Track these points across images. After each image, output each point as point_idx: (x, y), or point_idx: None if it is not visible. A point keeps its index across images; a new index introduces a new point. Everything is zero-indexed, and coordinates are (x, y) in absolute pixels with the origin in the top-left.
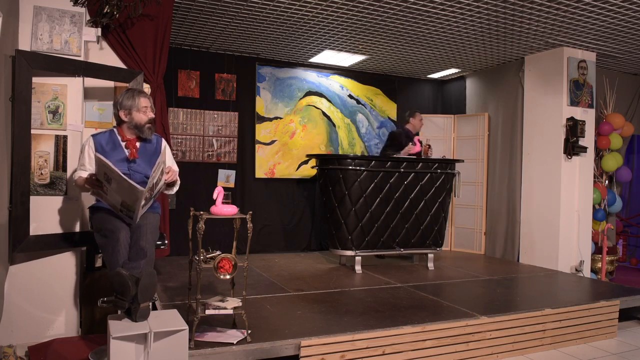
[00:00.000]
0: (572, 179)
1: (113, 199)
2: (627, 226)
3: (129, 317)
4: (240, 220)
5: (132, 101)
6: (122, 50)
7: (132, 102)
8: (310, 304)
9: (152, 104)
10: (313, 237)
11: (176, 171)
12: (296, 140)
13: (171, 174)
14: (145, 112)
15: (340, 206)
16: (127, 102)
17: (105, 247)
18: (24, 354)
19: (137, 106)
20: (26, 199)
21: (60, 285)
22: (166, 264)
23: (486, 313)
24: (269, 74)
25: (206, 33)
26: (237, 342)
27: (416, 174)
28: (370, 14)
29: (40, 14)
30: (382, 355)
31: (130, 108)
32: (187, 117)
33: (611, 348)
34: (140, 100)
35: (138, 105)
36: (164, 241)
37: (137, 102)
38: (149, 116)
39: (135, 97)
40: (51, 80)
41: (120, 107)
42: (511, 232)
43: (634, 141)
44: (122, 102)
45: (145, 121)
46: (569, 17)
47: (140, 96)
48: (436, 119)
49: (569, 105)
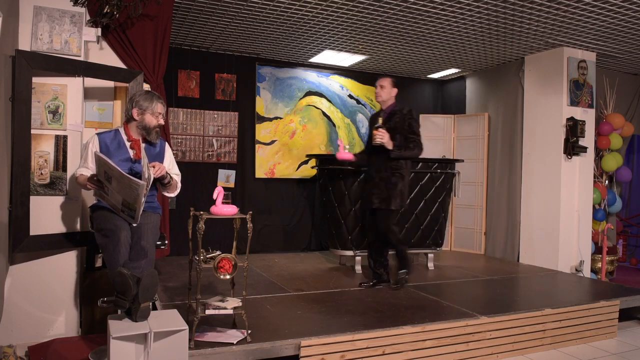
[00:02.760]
0: (572, 179)
1: (114, 199)
2: (627, 226)
3: (129, 317)
4: (240, 220)
5: (150, 103)
6: (122, 50)
7: (148, 104)
8: (310, 304)
9: (164, 113)
10: (313, 237)
11: (164, 167)
12: (296, 140)
13: (157, 169)
14: (158, 118)
15: (340, 206)
16: (144, 103)
17: (106, 247)
18: (24, 354)
19: (153, 109)
20: (26, 199)
21: (60, 285)
22: (166, 264)
23: (486, 313)
24: (269, 74)
25: (206, 33)
26: (237, 342)
27: (416, 174)
28: (370, 14)
29: (40, 14)
30: (382, 355)
31: (145, 109)
32: (187, 117)
33: (611, 348)
34: (158, 106)
35: (154, 108)
36: (164, 241)
37: (153, 105)
38: (159, 122)
39: (153, 101)
40: (51, 80)
41: (135, 105)
42: (511, 232)
43: (634, 141)
44: (139, 101)
45: (155, 125)
46: (569, 17)
47: (158, 101)
48: (436, 119)
49: (569, 105)
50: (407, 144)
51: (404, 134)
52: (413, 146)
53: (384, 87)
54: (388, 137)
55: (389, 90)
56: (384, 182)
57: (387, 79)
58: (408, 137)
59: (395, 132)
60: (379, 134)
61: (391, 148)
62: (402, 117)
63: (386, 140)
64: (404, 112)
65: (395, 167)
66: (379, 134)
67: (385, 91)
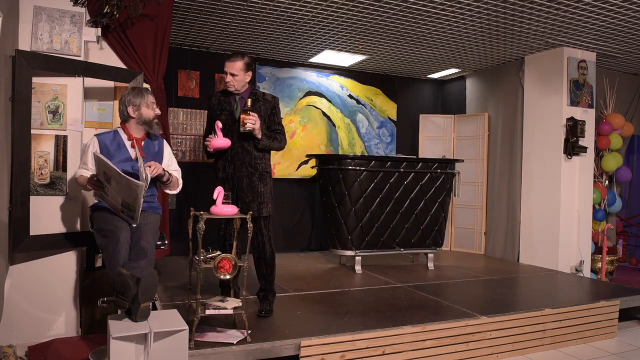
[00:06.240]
0: (572, 179)
1: (114, 200)
2: (627, 226)
3: (129, 317)
4: (240, 220)
5: (141, 98)
6: (122, 50)
7: (140, 99)
8: (310, 304)
9: (156, 102)
10: (313, 237)
11: (160, 167)
12: (296, 140)
13: (153, 168)
14: (154, 109)
15: (340, 206)
16: (136, 99)
17: (106, 247)
18: (24, 354)
19: (146, 102)
20: (26, 199)
21: (60, 285)
22: (166, 264)
23: (486, 313)
24: (269, 74)
25: (206, 33)
26: (237, 342)
27: (416, 174)
28: (370, 14)
29: (40, 14)
30: (382, 355)
31: (140, 104)
32: (187, 117)
33: (611, 348)
34: (149, 97)
35: (147, 101)
36: (164, 241)
37: (145, 98)
38: (156, 112)
39: (143, 94)
40: (51, 80)
41: (129, 104)
42: (511, 232)
43: (634, 141)
44: (131, 99)
45: (153, 116)
46: (569, 17)
47: (147, 93)
48: (436, 119)
49: (569, 105)
50: (275, 134)
51: (268, 124)
52: (281, 137)
53: (236, 76)
54: (260, 123)
55: (242, 77)
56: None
57: (237, 63)
58: (274, 128)
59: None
60: (251, 118)
61: (260, 137)
62: (266, 104)
63: (258, 127)
64: (267, 98)
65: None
66: (251, 119)
67: (238, 79)
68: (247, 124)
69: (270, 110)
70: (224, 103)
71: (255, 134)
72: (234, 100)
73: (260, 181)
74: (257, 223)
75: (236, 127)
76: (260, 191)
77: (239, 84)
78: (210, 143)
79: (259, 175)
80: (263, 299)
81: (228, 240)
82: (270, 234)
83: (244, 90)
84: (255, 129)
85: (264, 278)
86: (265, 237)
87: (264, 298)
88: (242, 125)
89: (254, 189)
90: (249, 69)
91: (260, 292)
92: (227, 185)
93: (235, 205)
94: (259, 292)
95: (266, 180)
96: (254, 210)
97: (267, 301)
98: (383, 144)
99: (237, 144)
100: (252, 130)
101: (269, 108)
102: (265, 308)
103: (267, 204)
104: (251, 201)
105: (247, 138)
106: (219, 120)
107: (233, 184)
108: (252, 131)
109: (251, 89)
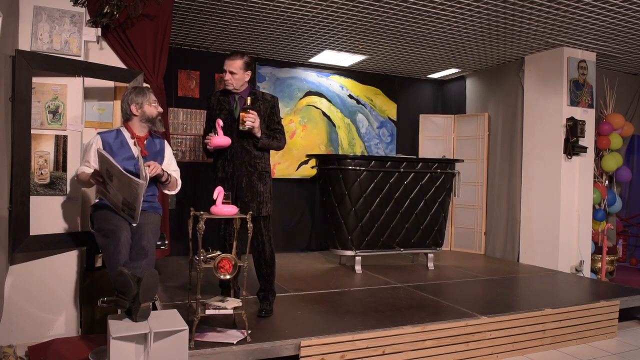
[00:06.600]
0: (572, 179)
1: (115, 198)
2: (627, 226)
3: (130, 317)
4: (240, 220)
5: (143, 96)
6: (122, 50)
7: (142, 97)
8: (310, 304)
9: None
10: (313, 237)
11: (159, 166)
12: (296, 140)
13: (152, 168)
14: (156, 106)
15: (340, 206)
16: (138, 97)
17: (107, 247)
18: (24, 354)
19: (148, 100)
20: (26, 199)
21: (60, 285)
22: (166, 264)
23: (486, 313)
24: (268, 73)
25: (206, 33)
26: (237, 342)
27: (416, 174)
28: (370, 14)
29: (40, 14)
30: (382, 355)
31: (142, 102)
32: (187, 117)
33: (611, 348)
34: (151, 95)
35: (149, 99)
36: (165, 241)
37: (147, 96)
38: (159, 110)
39: (145, 92)
40: (51, 80)
41: (132, 102)
42: (511, 232)
43: (634, 141)
44: (133, 98)
45: (156, 114)
46: (569, 17)
47: (149, 92)
48: (436, 119)
49: (569, 105)
50: (274, 134)
51: (267, 123)
52: (280, 137)
53: (235, 74)
54: (259, 121)
55: (241, 76)
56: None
57: (236, 61)
58: (274, 127)
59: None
60: (251, 116)
61: (259, 136)
62: (265, 104)
63: (257, 125)
64: (266, 97)
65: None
66: (251, 117)
67: (237, 77)
68: (247, 122)
69: (269, 109)
70: (224, 102)
71: (254, 132)
72: (233, 100)
73: (259, 181)
74: (257, 223)
75: (236, 127)
76: (259, 191)
77: (237, 82)
78: (210, 141)
79: (258, 175)
80: (263, 299)
81: (228, 240)
82: (270, 234)
83: (243, 90)
84: (254, 127)
85: (264, 278)
86: (265, 237)
87: (264, 298)
88: (242, 123)
89: (254, 189)
90: (248, 68)
91: (260, 292)
92: (227, 184)
93: (235, 205)
94: (259, 292)
95: (265, 180)
96: (253, 209)
97: (267, 301)
98: (383, 144)
99: (237, 143)
100: (252, 128)
101: (269, 107)
102: (265, 308)
103: (267, 204)
104: (250, 201)
105: (246, 137)
106: (218, 119)
107: (232, 184)
108: (252, 129)
109: (250, 88)
